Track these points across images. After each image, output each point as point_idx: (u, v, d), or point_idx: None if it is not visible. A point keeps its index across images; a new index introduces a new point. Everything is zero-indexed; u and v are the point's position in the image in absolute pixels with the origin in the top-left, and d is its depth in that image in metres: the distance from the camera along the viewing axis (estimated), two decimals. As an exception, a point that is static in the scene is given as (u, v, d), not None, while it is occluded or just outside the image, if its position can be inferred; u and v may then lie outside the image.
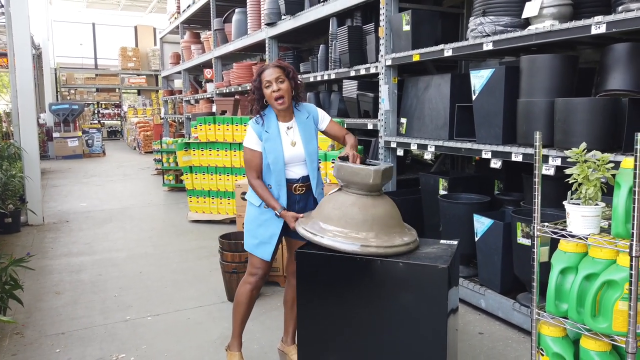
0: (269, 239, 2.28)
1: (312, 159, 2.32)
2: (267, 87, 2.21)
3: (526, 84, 2.73)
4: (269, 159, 2.24)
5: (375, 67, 3.94)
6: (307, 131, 2.32)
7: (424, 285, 1.84)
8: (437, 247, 2.06)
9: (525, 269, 2.78)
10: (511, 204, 3.28)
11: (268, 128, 2.26)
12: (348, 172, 2.02)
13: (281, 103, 2.22)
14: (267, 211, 2.27)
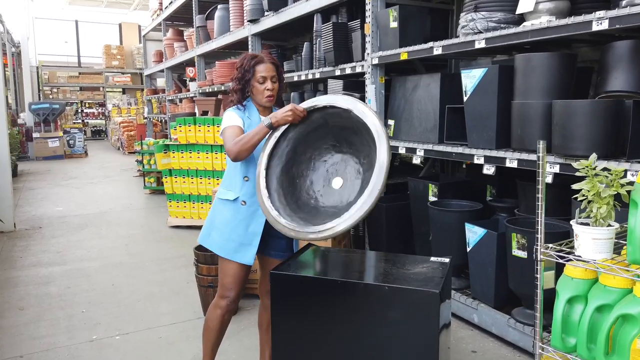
0: (250, 240, 2.06)
1: None
2: (261, 82, 2.07)
3: (521, 85, 2.55)
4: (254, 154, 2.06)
5: (361, 66, 3.74)
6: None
7: (413, 311, 1.64)
8: (427, 265, 1.86)
9: (521, 283, 2.59)
10: (505, 211, 3.10)
11: (250, 116, 2.12)
12: None
13: (271, 100, 2.11)
14: (245, 208, 2.06)
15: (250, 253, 2.06)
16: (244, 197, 2.06)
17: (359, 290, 1.68)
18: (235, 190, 2.09)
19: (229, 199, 2.08)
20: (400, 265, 1.85)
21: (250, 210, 2.06)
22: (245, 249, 2.06)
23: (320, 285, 1.73)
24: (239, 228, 2.06)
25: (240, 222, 2.06)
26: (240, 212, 2.06)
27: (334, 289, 1.72)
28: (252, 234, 2.06)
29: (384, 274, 1.75)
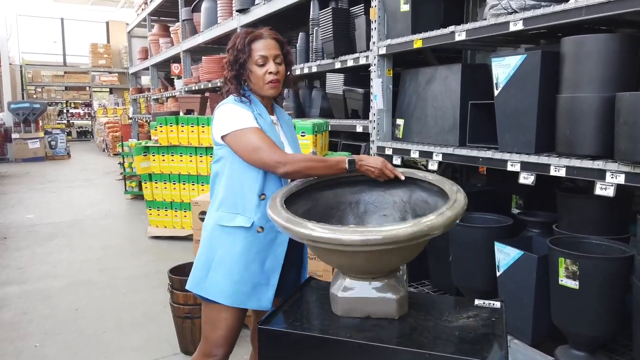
0: (267, 278, 1.56)
1: None
2: (261, 64, 1.59)
3: (571, 74, 2.07)
4: None
5: (365, 57, 3.25)
6: (292, 134, 1.78)
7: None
8: (473, 314, 1.36)
9: (571, 319, 2.11)
10: (538, 227, 2.62)
11: (261, 113, 1.62)
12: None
13: (277, 86, 1.63)
14: (262, 236, 1.56)
15: (268, 295, 1.57)
16: (261, 222, 1.56)
17: (384, 355, 1.18)
18: (247, 213, 1.57)
19: (240, 225, 1.56)
20: (436, 313, 1.36)
21: (268, 239, 1.57)
22: (261, 290, 1.57)
23: (327, 347, 1.23)
24: (253, 265, 1.56)
25: (256, 257, 1.56)
26: (256, 242, 1.56)
27: (347, 353, 1.21)
28: (269, 270, 1.57)
29: (416, 329, 1.26)
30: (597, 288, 1.99)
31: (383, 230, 1.15)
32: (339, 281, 1.36)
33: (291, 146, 1.70)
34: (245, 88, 1.65)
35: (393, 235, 1.14)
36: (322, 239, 1.17)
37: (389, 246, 1.15)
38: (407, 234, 1.15)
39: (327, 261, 1.32)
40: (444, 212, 1.26)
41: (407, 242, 1.16)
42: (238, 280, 1.54)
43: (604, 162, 1.92)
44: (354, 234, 1.16)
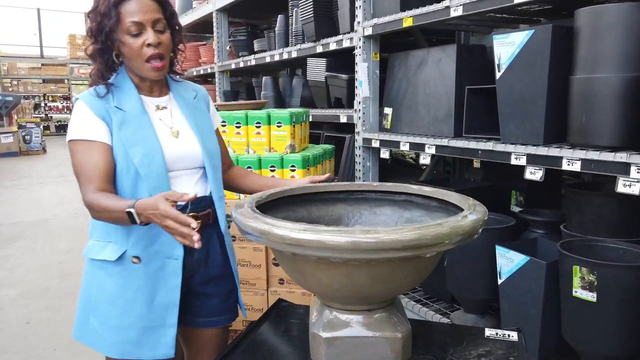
0: (161, 319, 1.22)
1: (214, 165, 1.34)
2: (135, 34, 1.20)
3: (587, 51, 1.77)
4: (133, 158, 1.20)
5: (349, 39, 2.93)
6: (198, 116, 1.37)
7: None
8: (484, 350, 1.06)
9: (586, 336, 1.83)
10: (542, 227, 2.34)
11: (121, 103, 1.24)
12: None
13: (159, 67, 1.23)
14: (141, 267, 1.21)
15: (166, 340, 1.23)
16: (136, 250, 1.22)
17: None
18: (117, 240, 1.23)
19: (107, 259, 1.22)
20: (438, 351, 1.05)
21: (152, 269, 1.21)
22: (155, 335, 1.22)
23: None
24: (136, 305, 1.22)
25: (138, 294, 1.22)
26: (134, 276, 1.21)
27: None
28: (162, 308, 1.23)
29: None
30: (619, 301, 1.71)
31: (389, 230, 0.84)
32: (321, 315, 1.04)
33: (197, 134, 1.33)
34: (122, 71, 1.29)
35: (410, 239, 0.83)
36: (301, 242, 0.85)
37: (399, 253, 0.84)
38: (432, 236, 0.85)
39: (310, 284, 1.00)
40: (467, 215, 0.96)
41: (426, 249, 0.86)
42: (118, 326, 1.22)
43: (627, 154, 1.63)
44: (350, 235, 0.85)
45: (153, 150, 1.22)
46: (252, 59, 4.14)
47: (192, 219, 1.02)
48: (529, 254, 2.05)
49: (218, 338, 1.40)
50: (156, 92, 1.34)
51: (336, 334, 1.00)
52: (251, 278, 2.46)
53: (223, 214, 1.36)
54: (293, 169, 2.43)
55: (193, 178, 1.32)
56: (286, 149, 2.51)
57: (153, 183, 1.20)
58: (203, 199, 1.32)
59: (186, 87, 1.42)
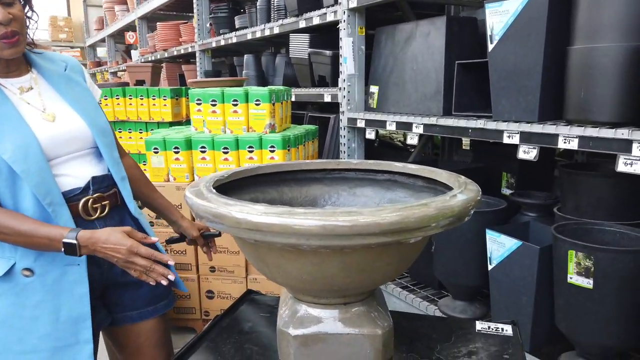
0: (74, 334, 1.07)
1: (108, 143, 1.18)
2: None
3: (587, 20, 1.64)
4: (2, 155, 1.01)
5: (333, 12, 2.77)
6: (75, 90, 1.19)
7: None
8: (474, 347, 0.94)
9: (580, 323, 1.72)
10: (535, 210, 2.23)
11: None
12: None
13: (13, 42, 1.05)
14: (33, 282, 1.05)
15: (83, 355, 1.07)
16: (26, 261, 1.06)
17: None
18: (5, 251, 1.07)
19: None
20: (424, 348, 0.93)
21: (50, 281, 1.05)
22: (67, 355, 1.07)
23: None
24: (37, 325, 1.06)
25: (37, 312, 1.06)
26: (28, 292, 1.05)
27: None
28: (72, 323, 1.07)
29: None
30: (616, 288, 1.61)
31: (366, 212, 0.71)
32: (290, 310, 0.91)
33: (78, 110, 1.16)
34: None
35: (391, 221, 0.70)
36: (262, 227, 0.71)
37: (378, 239, 0.71)
38: (416, 218, 0.72)
39: (275, 275, 0.86)
40: (456, 194, 0.83)
41: (409, 233, 0.73)
42: (21, 351, 1.05)
43: (629, 130, 1.51)
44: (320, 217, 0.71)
45: (25, 142, 1.04)
46: (233, 36, 3.96)
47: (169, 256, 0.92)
48: (521, 238, 1.94)
49: (158, 331, 1.26)
50: (14, 71, 1.14)
51: (307, 331, 0.87)
52: (229, 265, 2.33)
53: (129, 194, 1.21)
54: (272, 150, 2.29)
55: (85, 160, 1.16)
56: (265, 129, 2.36)
57: (34, 179, 1.03)
58: (104, 178, 1.17)
59: (52, 59, 1.22)
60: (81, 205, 1.09)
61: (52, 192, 1.04)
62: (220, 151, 2.31)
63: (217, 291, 2.36)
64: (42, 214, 1.04)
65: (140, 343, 1.22)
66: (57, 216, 1.04)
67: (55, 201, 1.04)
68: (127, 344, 1.24)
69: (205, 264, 2.36)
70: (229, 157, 2.31)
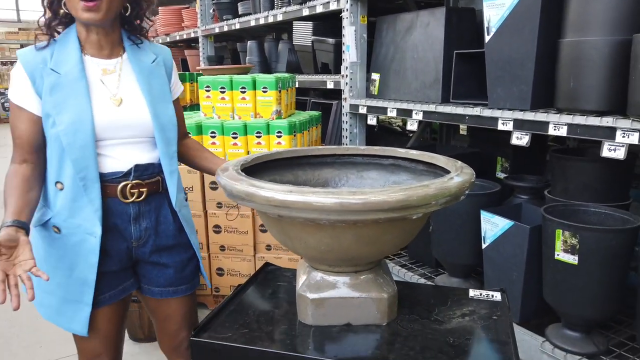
0: (78, 294, 1.20)
1: (167, 138, 1.25)
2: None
3: (577, 14, 1.75)
4: (58, 126, 1.13)
5: (336, 1, 2.86)
6: (153, 83, 1.26)
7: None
8: (468, 310, 1.08)
9: (566, 298, 1.87)
10: (527, 192, 2.37)
11: (59, 65, 1.15)
12: None
13: (92, 7, 1.11)
14: (60, 238, 1.18)
15: (81, 316, 1.20)
16: (57, 220, 1.19)
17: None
18: (46, 205, 1.22)
19: (37, 222, 1.20)
20: (423, 310, 1.07)
21: (71, 243, 1.18)
22: (72, 308, 1.21)
23: None
24: (58, 274, 1.19)
25: (59, 263, 1.19)
26: (55, 246, 1.18)
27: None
28: (79, 283, 1.19)
29: (399, 336, 0.97)
30: (600, 264, 1.75)
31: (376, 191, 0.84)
32: (308, 277, 1.04)
33: (148, 102, 1.23)
34: (73, 27, 1.21)
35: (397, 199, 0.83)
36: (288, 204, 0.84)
37: (386, 214, 0.84)
38: (419, 197, 0.85)
39: (296, 246, 0.99)
40: (453, 177, 0.95)
41: (412, 210, 0.86)
42: (45, 290, 1.20)
43: (613, 118, 1.64)
44: (337, 196, 0.84)
45: (80, 120, 1.14)
46: (237, 23, 4.03)
47: (45, 276, 1.01)
48: (513, 219, 2.07)
49: (183, 308, 1.37)
50: (106, 52, 1.22)
51: (323, 295, 1.00)
52: (238, 244, 2.46)
53: (174, 187, 1.28)
54: (279, 135, 2.40)
55: (136, 147, 1.24)
56: (272, 115, 2.48)
57: (75, 153, 1.13)
58: (149, 167, 1.25)
59: (146, 50, 1.29)
60: (119, 188, 1.20)
61: (88, 169, 1.15)
62: (229, 136, 2.42)
63: (227, 269, 2.50)
64: (75, 185, 1.16)
65: (166, 315, 1.35)
66: (87, 191, 1.15)
67: (89, 177, 1.15)
68: (154, 313, 1.38)
69: (215, 243, 2.50)
70: (238, 142, 2.43)
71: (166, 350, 1.41)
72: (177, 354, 1.39)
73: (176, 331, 1.37)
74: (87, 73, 1.18)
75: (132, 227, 1.23)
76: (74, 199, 1.15)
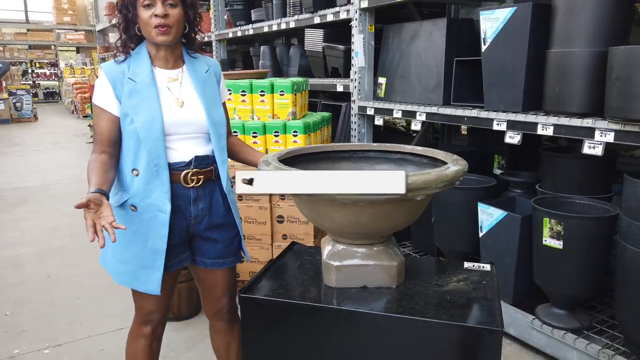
0: (151, 260, 1.45)
1: (218, 133, 1.51)
2: (147, 6, 1.36)
3: (562, 28, 1.98)
4: (135, 123, 1.39)
5: (346, 10, 3.10)
6: (207, 89, 1.51)
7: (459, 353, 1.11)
8: (464, 277, 1.32)
9: (553, 279, 2.11)
10: (521, 187, 2.60)
11: (135, 74, 1.41)
12: None
13: (164, 32, 1.38)
14: (137, 215, 1.44)
15: (154, 278, 1.45)
16: (134, 200, 1.44)
17: (375, 324, 1.13)
18: (122, 190, 1.47)
19: (115, 204, 1.46)
20: (426, 277, 1.31)
21: (146, 218, 1.43)
22: (146, 273, 1.46)
23: (315, 315, 1.17)
24: (134, 245, 1.44)
25: (135, 236, 1.44)
26: (132, 222, 1.44)
27: (336, 321, 1.16)
28: (152, 251, 1.44)
29: (407, 295, 1.21)
30: (581, 248, 1.98)
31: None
32: (332, 249, 1.28)
33: (203, 104, 1.48)
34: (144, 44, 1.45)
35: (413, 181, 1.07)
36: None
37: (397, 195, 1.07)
38: (422, 181, 1.09)
39: (324, 222, 1.22)
40: (450, 166, 1.18)
41: (417, 192, 1.09)
42: (122, 259, 1.47)
43: (593, 120, 1.87)
44: None
45: (153, 118, 1.39)
46: (250, 29, 4.27)
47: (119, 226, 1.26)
48: (508, 210, 2.31)
49: (226, 278, 1.62)
50: (170, 64, 1.47)
51: (344, 263, 1.24)
52: (257, 234, 2.70)
53: (225, 174, 1.54)
54: (295, 134, 2.64)
55: (195, 141, 1.49)
56: (288, 116, 2.71)
57: (149, 145, 1.39)
58: (205, 158, 1.51)
59: (200, 62, 1.55)
60: (182, 176, 1.45)
61: (159, 158, 1.41)
62: (250, 135, 2.66)
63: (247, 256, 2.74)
64: (149, 171, 1.41)
65: (212, 283, 1.59)
66: (159, 175, 1.41)
67: (160, 164, 1.41)
68: (202, 282, 1.62)
69: (235, 233, 2.74)
70: (257, 140, 2.67)
71: (210, 314, 1.65)
72: (219, 317, 1.63)
73: (220, 297, 1.61)
74: (156, 81, 1.44)
75: (192, 208, 1.48)
76: (147, 182, 1.40)
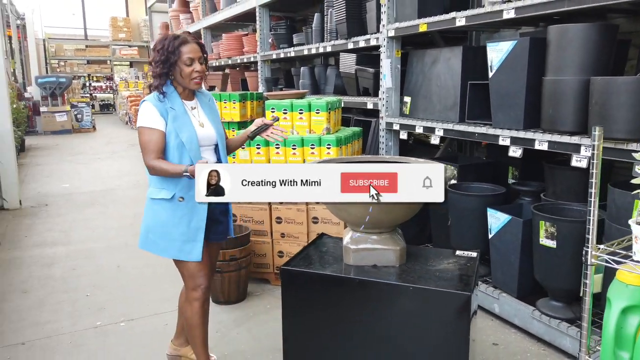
0: (194, 235, 1.97)
1: (223, 145, 2.09)
2: (189, 64, 1.91)
3: (555, 59, 2.32)
4: (182, 137, 1.93)
5: (375, 38, 3.51)
6: (212, 113, 2.10)
7: (440, 313, 1.49)
8: (453, 261, 1.69)
9: (549, 274, 2.43)
10: (529, 195, 2.91)
11: (173, 105, 1.96)
12: None
13: (199, 83, 1.97)
14: (184, 204, 1.95)
15: (197, 249, 1.98)
16: (182, 193, 1.95)
17: (380, 290, 1.52)
18: (169, 187, 1.96)
19: (163, 198, 1.96)
20: (423, 260, 1.69)
21: (189, 206, 1.95)
22: (190, 245, 1.98)
23: (336, 283, 1.58)
24: (180, 226, 1.97)
25: (181, 220, 1.96)
26: (179, 209, 1.95)
27: (352, 288, 1.56)
28: (195, 229, 1.97)
29: (406, 271, 1.60)
30: (572, 247, 2.30)
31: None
32: (351, 236, 1.69)
33: (212, 124, 2.03)
34: (169, 82, 1.97)
35: None
36: None
37: None
38: None
39: (343, 215, 1.63)
40: None
41: None
42: (170, 239, 1.96)
43: (579, 137, 2.20)
44: None
45: (192, 134, 1.94)
46: (292, 51, 4.76)
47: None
48: (515, 215, 2.63)
49: (217, 249, 2.28)
50: (189, 97, 2.03)
51: (359, 247, 1.65)
52: (295, 232, 3.13)
53: None
54: (329, 147, 3.07)
55: (210, 150, 2.05)
56: (323, 131, 3.14)
57: (192, 152, 1.93)
58: (218, 161, 2.06)
59: (204, 94, 2.13)
60: None
61: (197, 159, 1.92)
62: (290, 147, 3.11)
63: (286, 252, 3.18)
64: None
65: (208, 252, 2.09)
66: None
67: None
68: (208, 255, 2.11)
69: (277, 232, 3.18)
70: (296, 152, 3.11)
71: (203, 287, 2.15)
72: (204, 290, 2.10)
73: (214, 266, 2.19)
74: (186, 109, 1.99)
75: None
76: (191, 179, 1.89)
